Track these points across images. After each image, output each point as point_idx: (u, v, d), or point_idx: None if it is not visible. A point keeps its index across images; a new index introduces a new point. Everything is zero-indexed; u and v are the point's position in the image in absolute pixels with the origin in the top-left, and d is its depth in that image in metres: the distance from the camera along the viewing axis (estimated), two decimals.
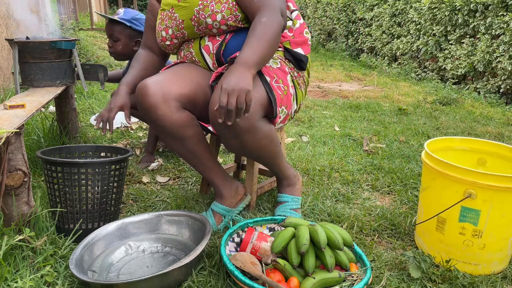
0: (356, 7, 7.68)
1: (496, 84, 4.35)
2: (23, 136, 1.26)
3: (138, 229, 1.44)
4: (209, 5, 1.38)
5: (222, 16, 1.39)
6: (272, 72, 1.41)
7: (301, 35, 1.54)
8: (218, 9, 1.38)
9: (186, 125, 1.39)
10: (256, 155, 1.42)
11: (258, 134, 1.31)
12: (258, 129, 1.30)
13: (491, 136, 2.96)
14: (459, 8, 4.79)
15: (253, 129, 1.29)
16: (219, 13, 1.38)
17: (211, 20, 1.39)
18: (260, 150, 1.38)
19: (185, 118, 1.38)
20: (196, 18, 1.41)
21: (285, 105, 1.43)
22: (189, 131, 1.40)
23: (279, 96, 1.39)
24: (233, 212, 1.56)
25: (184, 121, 1.38)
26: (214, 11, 1.38)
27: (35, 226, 1.33)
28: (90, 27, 6.42)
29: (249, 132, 1.28)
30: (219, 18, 1.39)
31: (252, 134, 1.30)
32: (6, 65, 3.22)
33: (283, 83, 1.42)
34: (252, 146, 1.35)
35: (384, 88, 4.93)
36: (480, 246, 1.29)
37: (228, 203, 1.55)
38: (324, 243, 1.18)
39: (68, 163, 1.35)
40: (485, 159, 1.52)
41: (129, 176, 2.01)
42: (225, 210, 1.55)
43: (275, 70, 1.43)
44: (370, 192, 1.94)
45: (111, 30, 2.11)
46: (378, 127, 3.09)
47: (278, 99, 1.38)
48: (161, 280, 1.12)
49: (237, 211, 1.57)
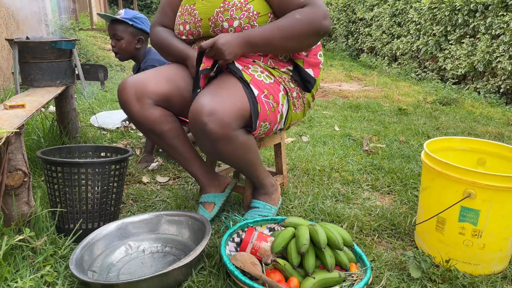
0: (356, 7, 7.68)
1: (496, 84, 4.35)
2: (23, 136, 1.26)
3: (138, 229, 1.44)
4: (229, 9, 1.37)
5: (239, 23, 1.38)
6: (262, 86, 1.40)
7: (315, 57, 1.52)
8: (237, 16, 1.37)
9: (160, 121, 1.46)
10: (231, 162, 1.42)
11: (233, 143, 1.31)
12: (233, 139, 1.30)
13: (491, 136, 2.96)
14: (459, 8, 4.79)
15: (228, 138, 1.29)
16: (237, 19, 1.37)
17: (227, 25, 1.39)
18: (235, 158, 1.38)
19: (158, 115, 1.45)
20: (214, 19, 1.41)
21: (270, 121, 1.42)
22: (165, 127, 1.47)
23: (265, 111, 1.38)
24: (222, 197, 1.61)
25: (158, 117, 1.45)
26: (233, 17, 1.37)
27: (35, 226, 1.33)
28: (90, 27, 6.42)
29: (223, 140, 1.29)
30: (236, 24, 1.38)
31: (227, 142, 1.30)
32: (6, 65, 3.22)
33: (273, 100, 1.41)
34: (227, 154, 1.35)
35: (384, 88, 4.93)
36: (480, 246, 1.29)
37: (213, 191, 1.60)
38: (324, 243, 1.18)
39: (68, 163, 1.35)
40: (485, 159, 1.52)
41: (129, 176, 2.01)
42: (213, 196, 1.59)
43: (267, 85, 1.41)
44: (370, 192, 1.94)
45: (113, 29, 2.18)
46: (378, 127, 3.09)
47: (263, 114, 1.37)
48: (161, 280, 1.12)
49: (225, 195, 1.63)
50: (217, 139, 1.28)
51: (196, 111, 1.26)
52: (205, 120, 1.24)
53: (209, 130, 1.25)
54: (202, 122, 1.25)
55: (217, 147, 1.31)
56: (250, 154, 1.41)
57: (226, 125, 1.26)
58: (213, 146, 1.31)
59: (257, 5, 1.38)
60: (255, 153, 1.44)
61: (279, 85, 1.46)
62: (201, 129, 1.26)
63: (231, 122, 1.27)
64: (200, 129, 1.26)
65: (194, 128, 1.29)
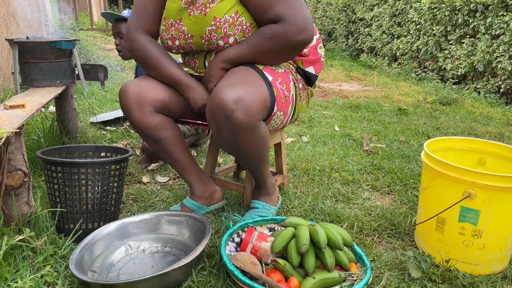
0: (356, 7, 7.68)
1: (496, 84, 4.35)
2: (23, 136, 1.26)
3: (138, 229, 1.44)
4: (222, 27, 1.33)
5: (234, 39, 1.35)
6: (276, 74, 1.40)
7: (315, 51, 1.52)
8: (231, 32, 1.34)
9: (159, 128, 1.47)
10: (247, 155, 1.38)
11: (255, 134, 1.29)
12: (257, 129, 1.28)
13: (491, 136, 2.96)
14: (459, 8, 4.79)
15: (253, 128, 1.26)
16: (232, 36, 1.34)
17: (222, 43, 1.36)
18: (253, 151, 1.36)
19: (158, 122, 1.46)
20: (207, 38, 1.36)
21: (284, 111, 1.41)
22: (163, 134, 1.48)
23: (280, 98, 1.37)
24: (204, 210, 1.63)
25: (157, 124, 1.46)
26: (227, 34, 1.34)
27: (35, 226, 1.33)
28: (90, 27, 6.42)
29: (248, 130, 1.25)
30: (231, 41, 1.36)
31: (250, 133, 1.27)
32: (6, 65, 3.22)
33: (286, 89, 1.41)
34: (246, 146, 1.32)
35: (384, 88, 4.93)
36: (480, 246, 1.29)
37: (200, 202, 1.61)
38: (324, 243, 1.18)
39: (68, 163, 1.35)
40: (485, 159, 1.52)
41: (129, 176, 2.01)
42: (196, 206, 1.61)
43: (280, 73, 1.42)
44: (370, 192, 1.94)
45: (118, 28, 2.21)
46: (378, 127, 3.09)
47: (279, 101, 1.37)
48: (161, 280, 1.12)
49: (208, 209, 1.64)
50: (242, 128, 1.23)
51: (221, 99, 1.20)
52: (233, 107, 1.19)
53: (235, 118, 1.20)
54: (229, 109, 1.19)
55: (239, 137, 1.27)
56: (265, 148, 1.39)
57: (253, 114, 1.22)
58: (235, 136, 1.27)
59: (248, 16, 1.34)
60: (267, 148, 1.42)
61: (289, 75, 1.46)
62: (226, 116, 1.21)
63: (257, 112, 1.24)
64: (226, 116, 1.21)
65: (217, 117, 1.24)
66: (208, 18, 1.33)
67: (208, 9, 1.33)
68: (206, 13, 1.33)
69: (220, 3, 1.32)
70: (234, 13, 1.33)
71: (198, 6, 1.34)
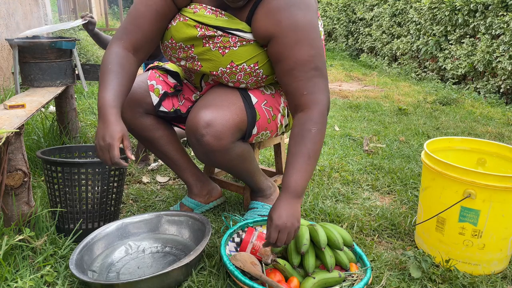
0: (356, 7, 7.68)
1: (496, 84, 4.35)
2: (23, 136, 1.26)
3: (138, 229, 1.44)
4: (237, 73, 1.28)
5: (246, 86, 1.33)
6: (262, 96, 1.37)
7: None
8: (245, 80, 1.31)
9: (151, 129, 1.48)
10: (228, 170, 1.42)
11: (229, 155, 1.30)
12: (229, 151, 1.29)
13: (491, 136, 2.96)
14: (459, 8, 4.79)
15: (224, 151, 1.27)
16: (244, 83, 1.32)
17: (232, 85, 1.34)
18: (231, 168, 1.38)
19: (149, 123, 1.47)
20: (217, 76, 1.31)
21: (271, 130, 1.41)
22: (156, 134, 1.49)
23: (265, 119, 1.36)
24: (203, 208, 1.63)
25: (148, 125, 1.47)
26: (240, 81, 1.31)
27: (35, 226, 1.33)
28: None
29: (219, 152, 1.27)
30: (242, 86, 1.33)
31: (223, 154, 1.28)
32: (6, 65, 3.22)
33: (274, 111, 1.39)
34: (222, 165, 1.35)
35: (384, 88, 4.93)
36: (480, 246, 1.29)
37: (198, 199, 1.62)
38: (324, 243, 1.18)
39: (68, 163, 1.35)
40: (485, 159, 1.52)
41: (129, 176, 2.01)
42: (195, 204, 1.61)
43: (267, 96, 1.38)
44: (370, 192, 1.94)
45: None
46: (378, 127, 3.09)
47: (264, 122, 1.35)
48: (161, 280, 1.12)
49: (207, 207, 1.64)
50: (213, 151, 1.26)
51: (193, 122, 1.24)
52: (203, 131, 1.22)
53: (205, 142, 1.24)
54: (200, 134, 1.23)
55: (212, 158, 1.30)
56: (246, 163, 1.40)
57: (222, 138, 1.24)
58: (208, 157, 1.30)
59: (267, 68, 1.30)
60: (251, 161, 1.42)
61: (280, 97, 1.42)
62: (197, 140, 1.25)
63: (228, 136, 1.25)
64: (197, 139, 1.25)
65: (190, 138, 1.28)
66: (225, 60, 1.26)
67: (227, 50, 1.24)
68: (224, 54, 1.25)
69: (242, 48, 1.24)
70: (254, 64, 1.27)
71: (216, 43, 1.24)
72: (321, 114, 1.20)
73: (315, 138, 1.18)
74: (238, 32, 1.22)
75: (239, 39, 1.23)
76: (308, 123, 1.19)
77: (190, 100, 1.51)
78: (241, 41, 1.23)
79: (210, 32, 1.23)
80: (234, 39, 1.23)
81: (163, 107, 1.45)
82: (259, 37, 1.23)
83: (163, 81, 1.48)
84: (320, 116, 1.20)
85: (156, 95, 1.45)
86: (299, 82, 1.21)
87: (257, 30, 1.21)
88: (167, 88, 1.48)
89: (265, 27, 1.20)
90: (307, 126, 1.19)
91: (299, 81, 1.20)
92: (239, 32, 1.23)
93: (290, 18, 1.17)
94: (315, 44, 1.21)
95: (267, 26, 1.19)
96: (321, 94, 1.21)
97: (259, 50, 1.26)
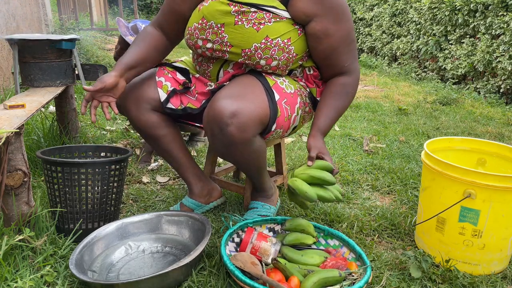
0: (356, 7, 7.68)
1: (496, 84, 4.35)
2: (23, 136, 1.27)
3: (138, 229, 1.44)
4: (271, 48, 1.29)
5: (277, 63, 1.33)
6: (283, 94, 1.37)
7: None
8: (278, 56, 1.31)
9: (156, 126, 1.47)
10: (241, 165, 1.40)
11: (249, 148, 1.29)
12: (250, 144, 1.28)
13: (491, 136, 2.96)
14: (459, 8, 4.79)
15: (246, 143, 1.26)
16: (277, 60, 1.31)
17: (264, 63, 1.32)
18: (247, 162, 1.37)
19: (155, 120, 1.46)
20: (250, 53, 1.30)
21: (284, 129, 1.40)
22: (161, 131, 1.48)
23: (283, 117, 1.35)
24: (203, 208, 1.63)
25: (154, 122, 1.46)
26: (273, 57, 1.30)
27: (35, 226, 1.33)
28: (90, 27, 6.41)
29: (242, 144, 1.25)
30: (274, 64, 1.33)
31: (244, 147, 1.27)
32: (6, 65, 3.22)
33: (291, 110, 1.38)
34: (240, 158, 1.33)
35: (384, 88, 4.93)
36: (480, 246, 1.29)
37: (198, 200, 1.62)
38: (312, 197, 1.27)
39: (68, 163, 1.35)
40: (485, 159, 1.52)
41: (129, 176, 2.01)
42: (195, 205, 1.61)
43: (287, 94, 1.38)
44: (370, 192, 1.94)
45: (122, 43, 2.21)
46: (378, 127, 3.09)
47: (281, 120, 1.34)
48: (161, 280, 1.12)
49: (208, 207, 1.65)
50: (235, 143, 1.24)
51: (218, 111, 1.20)
52: (228, 121, 1.19)
53: (229, 133, 1.20)
54: (224, 123, 1.20)
55: (232, 150, 1.27)
56: (261, 159, 1.39)
57: (247, 131, 1.22)
58: (228, 148, 1.27)
59: (297, 46, 1.33)
60: (264, 158, 1.42)
61: (297, 97, 1.42)
62: (220, 129, 1.21)
63: (251, 128, 1.23)
64: (220, 129, 1.21)
65: (212, 127, 1.24)
66: (260, 34, 1.28)
67: (262, 26, 1.27)
68: (259, 29, 1.27)
69: (276, 23, 1.28)
70: (287, 39, 1.29)
71: (250, 19, 1.27)
72: (357, 79, 1.43)
73: (348, 99, 1.42)
74: (272, 8, 1.28)
75: (273, 16, 1.29)
76: (348, 86, 1.41)
77: (203, 94, 1.48)
78: (275, 17, 1.29)
79: (244, 8, 1.28)
80: (269, 16, 1.29)
81: (171, 104, 1.44)
82: (299, 17, 1.31)
83: (172, 78, 1.48)
84: (357, 81, 1.43)
85: (164, 92, 1.45)
86: (343, 56, 1.37)
87: (297, 10, 1.30)
88: (176, 85, 1.48)
89: (308, 7, 1.29)
90: (346, 89, 1.41)
91: (343, 54, 1.36)
92: (273, 9, 1.29)
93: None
94: (351, 19, 1.36)
95: (309, 6, 1.29)
96: (356, 62, 1.41)
97: (292, 27, 1.32)
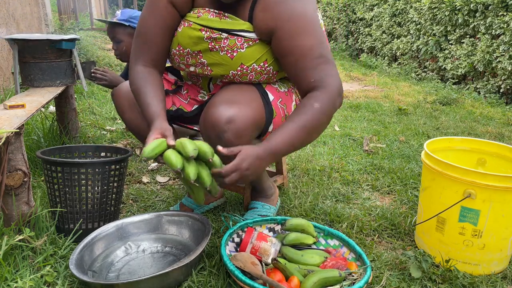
0: (356, 7, 7.68)
1: (496, 84, 4.35)
2: (23, 136, 1.26)
3: (138, 229, 1.44)
4: (248, 74, 1.28)
5: (258, 81, 1.33)
6: (278, 93, 1.36)
7: None
8: (257, 79, 1.30)
9: None
10: None
11: None
12: None
13: (491, 136, 2.96)
14: (459, 8, 4.79)
15: None
16: (256, 81, 1.32)
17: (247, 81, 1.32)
18: None
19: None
20: (230, 78, 1.30)
21: None
22: None
23: (280, 117, 1.34)
24: (203, 208, 1.63)
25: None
26: (252, 80, 1.31)
27: (35, 226, 1.33)
28: (90, 27, 6.41)
29: None
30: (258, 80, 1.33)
31: None
32: (6, 65, 3.22)
33: (287, 109, 1.38)
34: None
35: (384, 88, 4.93)
36: (480, 246, 1.29)
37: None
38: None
39: (68, 163, 1.35)
40: (485, 159, 1.52)
41: (129, 176, 2.01)
42: (195, 205, 1.62)
43: (281, 93, 1.38)
44: (370, 192, 1.94)
45: (112, 32, 2.15)
46: (378, 127, 3.09)
47: (278, 120, 1.34)
48: (161, 280, 1.12)
49: (208, 207, 1.65)
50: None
51: (214, 118, 1.20)
52: (224, 128, 1.18)
53: (226, 139, 1.20)
54: (221, 130, 1.19)
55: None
56: None
57: (242, 136, 1.21)
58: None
59: (276, 65, 1.30)
60: None
61: (292, 95, 1.42)
62: (217, 136, 1.21)
63: (248, 133, 1.23)
64: (217, 136, 1.21)
65: (209, 134, 1.24)
66: (234, 62, 1.25)
67: (235, 53, 1.24)
68: (233, 57, 1.25)
69: (249, 49, 1.24)
70: (263, 62, 1.27)
71: (223, 47, 1.24)
72: (328, 95, 1.17)
73: (316, 114, 1.15)
74: (243, 32, 1.22)
75: (245, 40, 1.23)
76: (313, 99, 1.17)
77: (196, 100, 1.49)
78: (247, 42, 1.23)
79: (215, 34, 1.23)
80: (240, 41, 1.23)
81: None
82: (261, 33, 1.22)
83: (163, 79, 1.48)
84: (327, 97, 1.17)
85: None
86: (306, 72, 1.20)
87: (258, 26, 1.21)
88: (168, 86, 1.48)
89: (265, 22, 1.20)
90: (311, 101, 1.17)
91: (306, 70, 1.20)
92: (244, 33, 1.22)
93: (288, 10, 1.17)
94: (316, 33, 1.20)
95: (267, 20, 1.19)
96: (328, 78, 1.19)
97: (266, 48, 1.25)
